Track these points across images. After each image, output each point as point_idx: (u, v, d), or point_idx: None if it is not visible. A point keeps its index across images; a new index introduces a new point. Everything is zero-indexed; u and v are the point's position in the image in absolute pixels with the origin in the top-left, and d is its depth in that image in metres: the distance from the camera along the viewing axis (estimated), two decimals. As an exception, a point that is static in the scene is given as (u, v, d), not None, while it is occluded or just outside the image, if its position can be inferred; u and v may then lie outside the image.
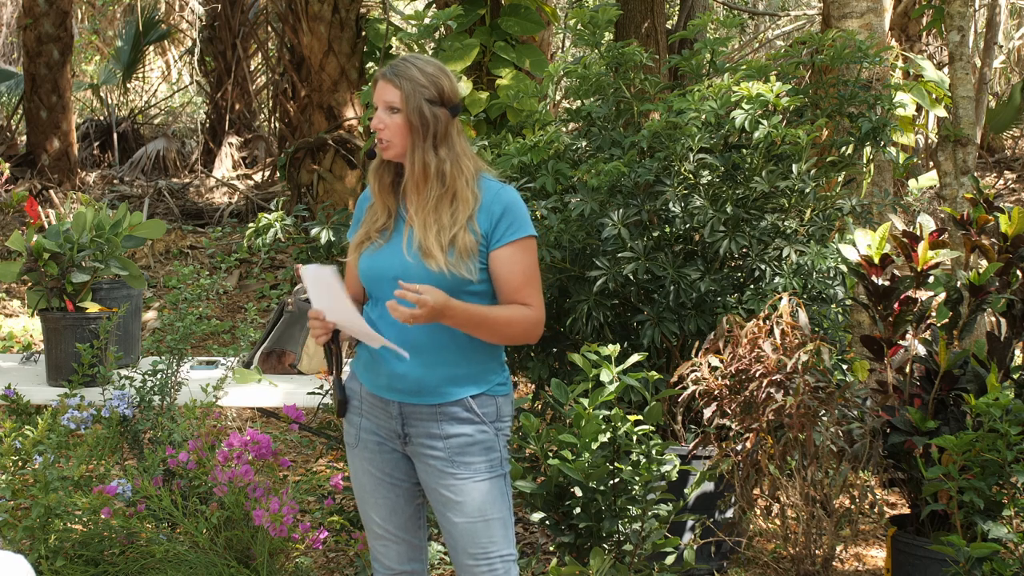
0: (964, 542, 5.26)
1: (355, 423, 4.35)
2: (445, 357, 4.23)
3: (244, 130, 19.72)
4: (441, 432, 4.24)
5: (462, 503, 4.25)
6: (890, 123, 6.86)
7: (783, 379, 5.71)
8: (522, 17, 11.66)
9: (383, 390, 4.26)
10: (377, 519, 4.37)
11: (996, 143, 19.24)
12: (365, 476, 4.35)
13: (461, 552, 4.28)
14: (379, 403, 4.28)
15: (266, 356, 6.59)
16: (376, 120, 4.19)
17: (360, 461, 4.35)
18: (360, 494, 4.40)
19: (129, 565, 5.36)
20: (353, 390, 4.35)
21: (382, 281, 4.18)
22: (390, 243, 4.21)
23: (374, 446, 4.32)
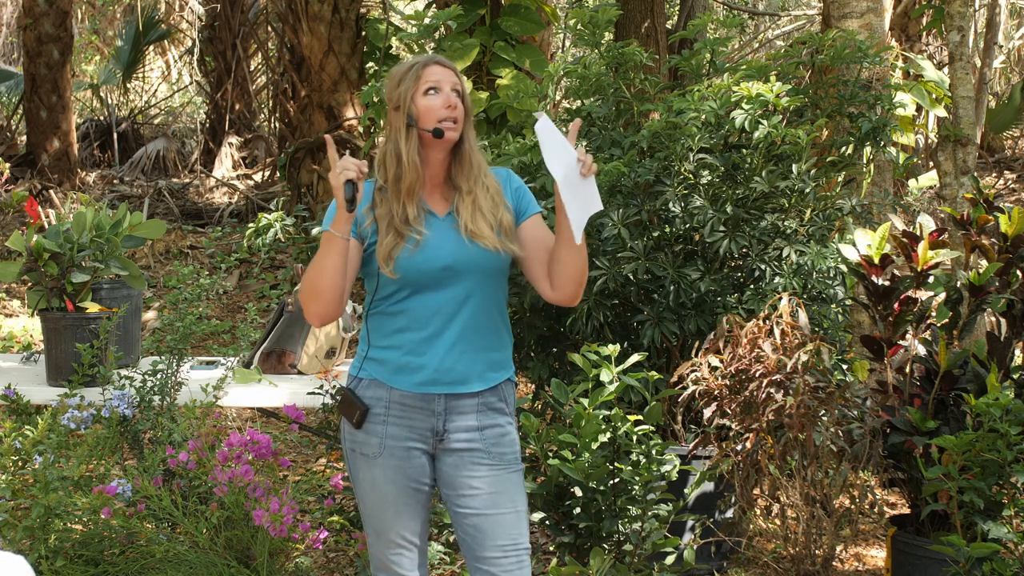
0: (964, 542, 5.26)
1: (378, 432, 4.25)
2: (487, 341, 4.29)
3: (244, 130, 19.71)
4: (479, 424, 4.26)
5: (496, 494, 4.25)
6: (890, 123, 6.86)
7: (783, 379, 5.71)
8: (522, 17, 11.66)
9: (427, 386, 4.22)
10: (397, 527, 4.30)
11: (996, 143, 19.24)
12: (389, 485, 4.27)
13: (488, 546, 4.24)
14: (419, 402, 4.22)
15: (266, 356, 6.59)
16: (453, 100, 4.20)
17: (383, 470, 4.26)
18: (379, 504, 4.30)
19: (129, 565, 5.36)
20: (377, 398, 4.25)
21: (432, 272, 4.17)
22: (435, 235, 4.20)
23: (402, 452, 4.25)
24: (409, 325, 4.20)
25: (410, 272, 4.16)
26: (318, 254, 4.11)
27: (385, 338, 4.24)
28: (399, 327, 4.22)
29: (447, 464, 4.27)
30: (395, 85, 4.24)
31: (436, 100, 4.18)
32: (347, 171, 3.99)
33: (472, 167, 4.27)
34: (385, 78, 4.36)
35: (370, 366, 4.27)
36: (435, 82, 4.20)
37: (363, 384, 4.26)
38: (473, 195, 4.25)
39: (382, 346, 4.25)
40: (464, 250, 4.20)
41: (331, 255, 4.08)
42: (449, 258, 4.17)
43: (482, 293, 4.25)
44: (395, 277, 4.15)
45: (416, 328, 4.19)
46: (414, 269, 4.16)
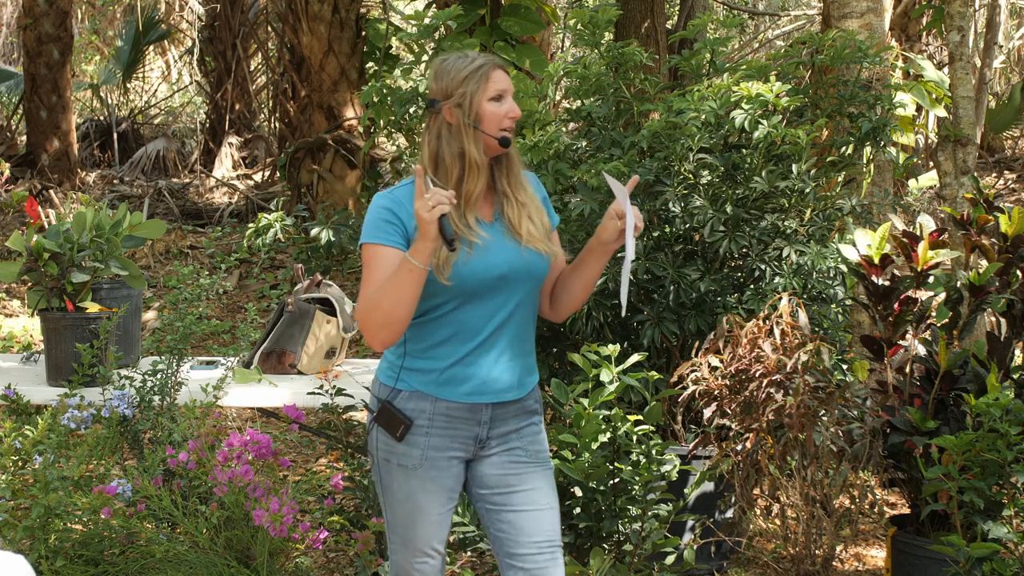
0: (964, 542, 5.26)
1: (419, 444, 4.16)
2: (526, 346, 4.28)
3: (244, 130, 19.71)
4: (517, 425, 4.25)
5: (532, 491, 4.24)
6: (890, 123, 6.86)
7: (783, 379, 5.71)
8: (522, 17, 11.67)
9: (473, 396, 4.16)
10: (427, 537, 4.25)
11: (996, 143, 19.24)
12: (425, 496, 4.20)
13: (523, 542, 4.22)
14: (465, 413, 4.16)
15: (266, 356, 6.59)
16: (516, 110, 4.16)
17: (420, 482, 4.18)
18: (412, 514, 4.23)
19: (129, 565, 5.36)
20: (420, 410, 4.15)
21: (488, 280, 4.10)
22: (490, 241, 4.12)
23: (443, 463, 4.18)
24: (456, 335, 4.13)
25: (467, 280, 4.07)
26: (394, 283, 3.96)
27: (427, 348, 4.15)
28: (444, 337, 4.14)
29: (484, 465, 4.24)
30: (458, 82, 4.12)
31: (501, 108, 4.12)
32: (442, 206, 3.85)
33: (517, 172, 4.23)
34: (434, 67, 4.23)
35: (409, 377, 4.18)
36: (502, 90, 4.14)
37: (402, 396, 4.17)
38: (521, 200, 4.21)
39: (422, 356, 4.16)
40: (519, 257, 4.15)
41: (411, 286, 3.94)
42: (505, 266, 4.11)
43: (529, 300, 4.23)
44: (449, 285, 4.04)
45: (465, 338, 4.13)
46: (472, 277, 4.07)
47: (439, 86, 4.17)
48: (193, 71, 23.33)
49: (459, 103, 4.11)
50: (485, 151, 4.13)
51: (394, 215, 4.09)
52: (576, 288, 4.33)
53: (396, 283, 3.95)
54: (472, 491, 4.29)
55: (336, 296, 6.74)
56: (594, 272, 4.31)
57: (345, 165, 14.08)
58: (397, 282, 3.95)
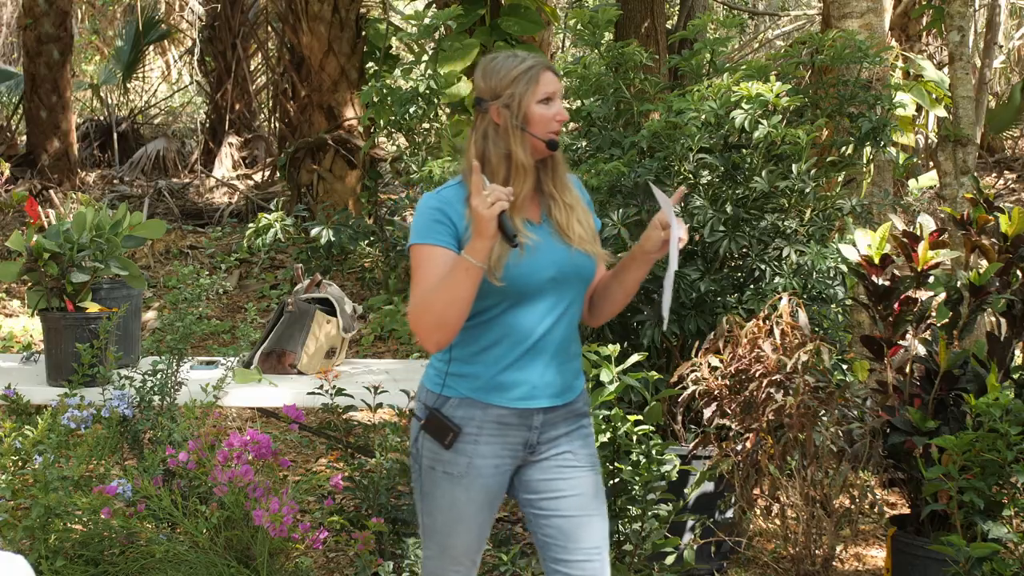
0: (964, 542, 5.26)
1: (467, 452, 4.09)
2: (574, 349, 4.23)
3: (244, 130, 19.71)
4: (567, 429, 4.20)
5: (582, 496, 4.20)
6: (890, 123, 6.87)
7: (783, 379, 5.71)
8: (522, 17, 11.68)
9: (524, 401, 4.09)
10: (466, 545, 4.19)
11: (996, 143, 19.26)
12: (470, 505, 4.13)
13: (572, 548, 4.18)
14: (516, 419, 4.09)
15: (266, 356, 6.59)
16: (564, 113, 4.12)
17: (466, 490, 4.11)
18: (453, 522, 4.16)
19: (129, 565, 5.36)
20: (469, 418, 4.07)
21: (539, 282, 4.04)
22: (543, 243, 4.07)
23: (489, 471, 4.11)
24: (506, 338, 4.07)
25: (518, 281, 4.01)
26: (449, 283, 3.89)
27: (475, 353, 4.08)
28: (493, 341, 4.07)
29: (533, 470, 4.19)
30: (507, 82, 4.07)
31: (550, 111, 4.07)
32: (501, 202, 3.80)
33: (563, 174, 4.20)
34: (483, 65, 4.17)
35: (456, 383, 4.10)
36: (551, 92, 4.08)
37: (451, 404, 4.09)
38: (568, 203, 4.17)
39: (471, 361, 4.09)
40: (569, 259, 4.10)
41: (467, 286, 3.88)
42: (555, 268, 4.06)
43: (577, 303, 4.19)
44: (501, 285, 3.96)
45: (514, 342, 4.07)
46: (523, 278, 4.01)
47: (487, 85, 4.12)
48: (193, 71, 23.34)
49: (507, 104, 4.06)
50: (532, 153, 4.08)
51: (444, 215, 4.03)
52: (617, 294, 4.30)
53: (451, 283, 3.89)
54: (519, 496, 4.23)
55: (336, 296, 6.74)
56: (635, 280, 4.28)
57: (345, 165, 14.08)
58: (452, 282, 3.89)
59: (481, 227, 3.81)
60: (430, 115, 7.16)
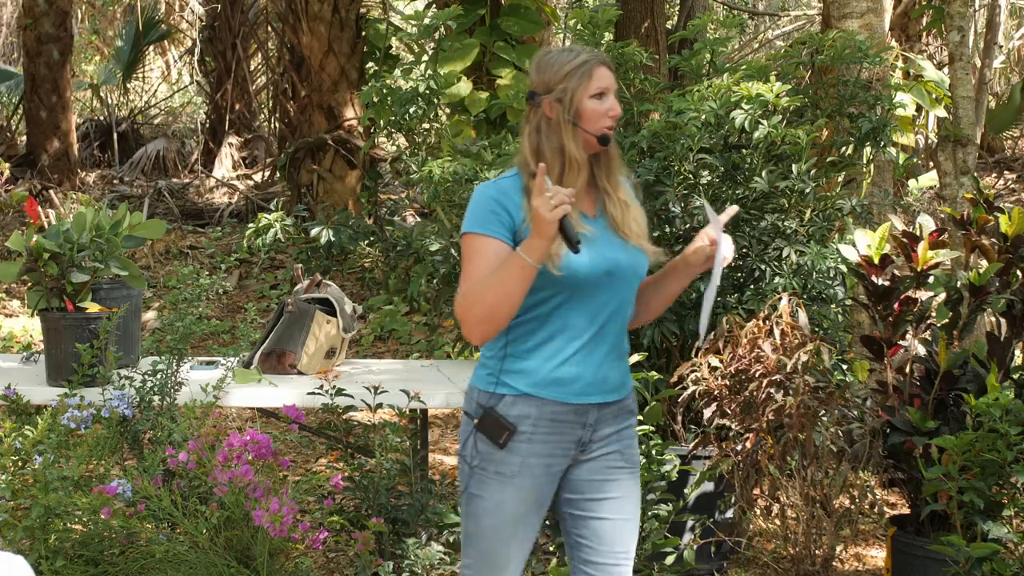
0: (964, 542, 5.26)
1: (520, 451, 4.03)
2: (624, 347, 4.21)
3: (244, 130, 19.70)
4: (617, 428, 4.18)
5: (622, 499, 4.20)
6: (890, 123, 6.87)
7: (783, 379, 5.71)
8: (522, 17, 11.68)
9: (582, 396, 4.06)
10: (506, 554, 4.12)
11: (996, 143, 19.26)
12: (518, 506, 4.08)
13: (603, 551, 4.17)
14: (572, 415, 4.06)
15: (266, 356, 6.59)
16: (618, 108, 4.09)
17: (515, 489, 4.06)
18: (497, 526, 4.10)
19: (129, 565, 5.36)
20: (524, 416, 4.03)
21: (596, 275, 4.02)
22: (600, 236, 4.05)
23: (540, 471, 4.07)
24: (562, 333, 4.04)
25: (577, 272, 3.97)
26: (502, 278, 3.87)
27: (531, 348, 4.04)
28: (549, 335, 4.04)
29: (580, 470, 4.16)
30: (560, 77, 4.05)
31: (603, 106, 4.05)
32: (564, 205, 3.76)
33: (617, 171, 4.18)
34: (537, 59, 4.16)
35: (511, 379, 4.06)
36: (604, 87, 4.05)
37: (506, 401, 4.04)
38: (623, 199, 4.16)
39: (525, 356, 4.05)
40: (625, 253, 4.09)
41: (520, 283, 3.85)
42: (612, 261, 4.03)
43: (629, 300, 4.16)
44: (559, 276, 3.93)
45: (570, 337, 4.04)
46: (582, 269, 3.97)
47: (541, 79, 4.10)
48: (193, 71, 23.32)
49: (559, 98, 4.04)
50: (584, 147, 4.06)
51: (501, 206, 4.01)
52: (655, 302, 4.30)
53: (504, 278, 3.87)
54: (560, 495, 4.20)
55: (336, 296, 6.74)
56: (675, 290, 4.29)
57: (345, 165, 14.08)
58: (505, 277, 3.86)
59: (542, 228, 3.78)
60: (430, 115, 7.16)
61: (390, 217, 11.22)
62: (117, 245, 6.39)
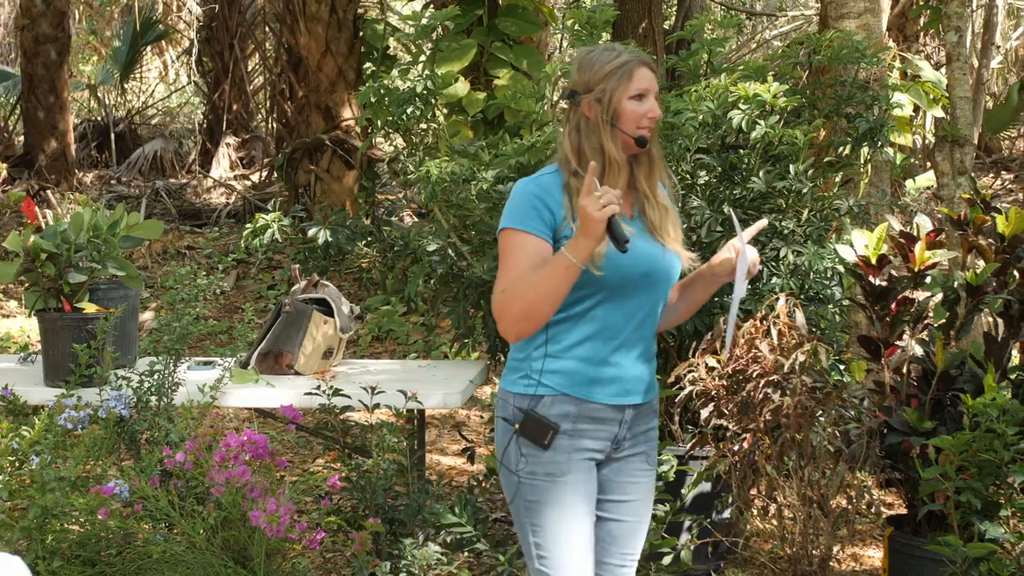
0: (961, 542, 5.26)
1: (565, 447, 4.02)
2: (654, 348, 4.23)
3: (241, 130, 19.71)
4: (648, 427, 4.22)
5: (640, 502, 4.24)
6: (887, 123, 6.88)
7: (780, 379, 5.71)
8: (520, 17, 11.68)
9: (620, 396, 4.08)
10: (581, 556, 4.07)
11: (993, 144, 19.26)
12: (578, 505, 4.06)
13: (614, 552, 4.20)
14: (610, 413, 4.07)
15: (263, 356, 6.58)
16: (657, 110, 4.09)
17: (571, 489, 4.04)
18: (564, 529, 4.04)
19: (126, 565, 5.36)
20: (565, 414, 4.02)
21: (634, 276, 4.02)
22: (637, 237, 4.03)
23: (587, 466, 4.07)
24: (599, 333, 4.04)
25: (616, 272, 3.96)
26: (544, 277, 3.87)
27: (569, 347, 4.04)
28: (587, 335, 4.04)
29: (610, 470, 4.17)
30: (600, 77, 4.05)
31: (642, 107, 4.05)
32: (612, 205, 3.76)
33: (658, 172, 4.17)
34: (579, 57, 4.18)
35: (551, 379, 4.04)
36: (644, 89, 4.06)
37: (544, 402, 4.03)
38: (662, 203, 4.16)
39: (564, 356, 4.04)
40: (662, 256, 4.10)
41: (564, 283, 3.86)
42: (650, 263, 4.04)
43: (662, 302, 4.18)
44: (599, 275, 3.92)
45: (607, 337, 4.04)
46: (621, 269, 3.97)
47: (581, 78, 4.10)
48: (191, 71, 23.32)
49: (599, 98, 4.04)
50: (623, 148, 4.06)
51: (543, 203, 4.01)
52: (680, 309, 4.33)
53: (547, 277, 3.86)
54: None
55: (333, 296, 6.73)
56: (701, 298, 4.33)
57: (343, 165, 14.08)
58: (549, 276, 3.86)
59: (589, 228, 3.77)
60: (427, 116, 7.15)
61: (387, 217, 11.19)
62: (114, 245, 6.39)
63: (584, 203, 3.76)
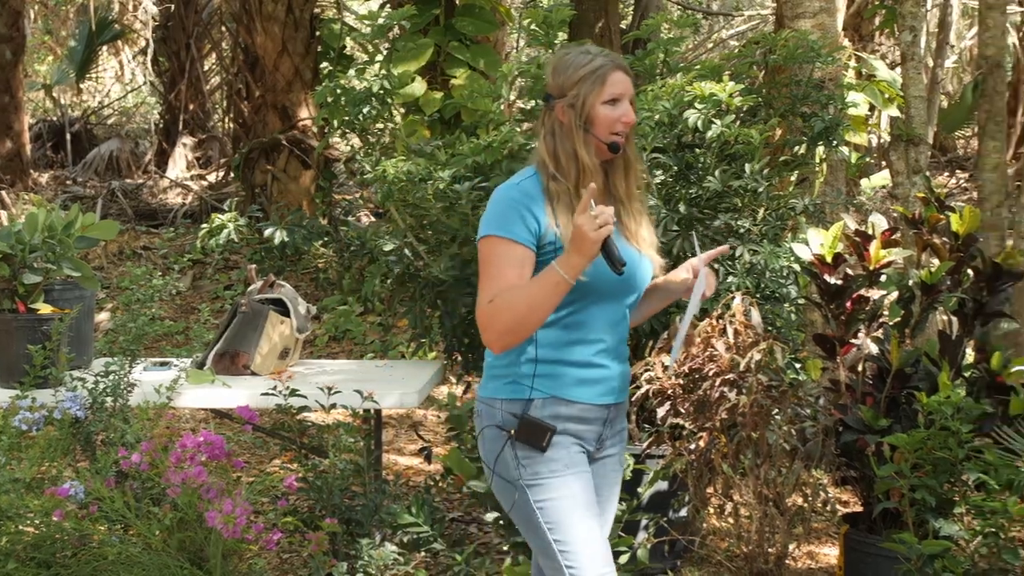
0: (916, 540, 5.29)
1: (561, 444, 4.03)
2: (627, 350, 4.25)
3: (198, 130, 19.64)
4: (622, 426, 4.26)
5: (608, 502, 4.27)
6: (843, 122, 6.90)
7: (736, 378, 5.73)
8: (476, 17, 11.68)
9: (605, 396, 4.10)
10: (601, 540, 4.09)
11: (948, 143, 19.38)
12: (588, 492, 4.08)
13: None
14: (597, 413, 4.10)
15: (219, 357, 6.56)
16: (632, 115, 4.06)
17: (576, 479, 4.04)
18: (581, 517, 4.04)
19: (82, 567, 5.33)
20: (556, 415, 4.02)
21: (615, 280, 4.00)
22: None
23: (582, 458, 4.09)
24: (582, 337, 4.05)
25: (599, 278, 3.95)
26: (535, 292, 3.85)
27: (557, 351, 4.04)
28: (574, 339, 4.04)
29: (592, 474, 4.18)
30: (573, 81, 4.02)
31: (616, 112, 4.02)
32: (608, 226, 3.74)
33: (634, 178, 4.17)
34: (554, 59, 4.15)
35: (542, 383, 4.04)
36: (619, 93, 4.03)
37: (535, 405, 4.03)
38: (638, 209, 4.17)
39: (553, 360, 4.04)
40: (638, 262, 4.12)
41: (555, 299, 3.85)
42: (628, 269, 3.98)
43: (633, 305, 4.21)
44: (584, 280, 3.89)
45: (589, 340, 4.05)
46: (601, 276, 3.95)
47: (555, 82, 4.08)
48: (147, 71, 23.20)
49: (572, 103, 4.02)
50: (596, 154, 4.05)
51: (528, 210, 3.98)
52: (637, 314, 4.35)
53: (537, 293, 3.85)
54: None
55: (289, 296, 6.72)
56: (655, 309, 4.39)
57: (299, 165, 14.05)
58: (539, 292, 3.85)
59: (585, 248, 3.75)
60: (384, 115, 7.15)
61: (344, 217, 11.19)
62: (70, 246, 6.36)
63: (580, 222, 3.74)
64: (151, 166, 19.14)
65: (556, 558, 4.04)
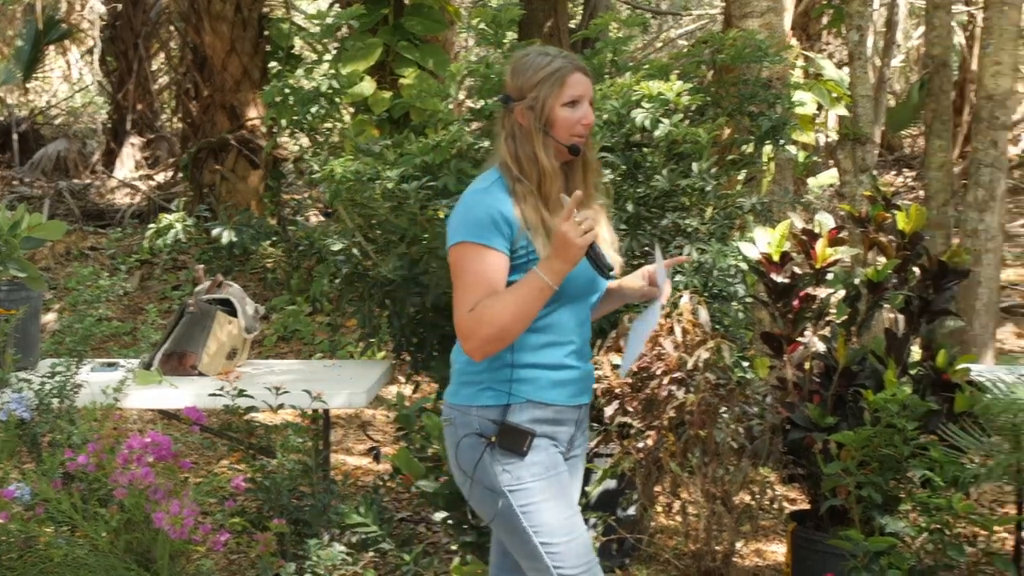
0: (862, 536, 5.31)
1: (540, 446, 4.03)
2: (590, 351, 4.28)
3: (146, 130, 19.56)
4: (586, 425, 4.28)
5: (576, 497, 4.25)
6: (790, 122, 6.93)
7: (684, 377, 5.74)
8: (425, 16, 11.68)
9: (578, 397, 4.13)
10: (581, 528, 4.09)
11: (895, 141, 19.48)
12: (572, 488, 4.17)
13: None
14: (569, 414, 4.12)
15: (167, 357, 6.54)
16: (591, 116, 4.05)
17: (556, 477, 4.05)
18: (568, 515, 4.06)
19: (28, 569, 5.30)
20: (534, 419, 4.02)
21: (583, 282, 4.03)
22: None
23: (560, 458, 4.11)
24: (557, 339, 4.05)
25: (571, 282, 3.94)
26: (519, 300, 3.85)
27: (531, 355, 4.02)
28: (546, 342, 4.04)
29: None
30: (532, 83, 4.01)
31: (576, 114, 4.02)
32: (594, 231, 3.80)
33: (593, 179, 4.18)
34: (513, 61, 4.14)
35: (519, 388, 4.03)
36: (578, 95, 4.02)
37: (513, 410, 4.02)
38: (597, 206, 4.18)
39: (528, 364, 4.03)
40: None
41: (538, 306, 3.87)
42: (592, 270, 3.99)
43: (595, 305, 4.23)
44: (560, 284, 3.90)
45: (561, 342, 4.06)
46: (574, 280, 3.95)
47: (514, 84, 4.07)
48: (94, 71, 23.11)
49: (531, 106, 4.01)
50: (556, 156, 4.04)
51: (501, 215, 3.96)
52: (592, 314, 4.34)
53: (521, 300, 3.86)
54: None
55: (237, 296, 6.70)
56: (608, 309, 4.41)
57: (248, 165, 14.02)
58: (523, 299, 3.86)
59: (569, 254, 3.78)
60: (333, 115, 7.13)
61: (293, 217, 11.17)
62: (16, 247, 6.33)
63: (565, 229, 3.75)
64: (99, 166, 19.05)
65: (543, 559, 4.04)
